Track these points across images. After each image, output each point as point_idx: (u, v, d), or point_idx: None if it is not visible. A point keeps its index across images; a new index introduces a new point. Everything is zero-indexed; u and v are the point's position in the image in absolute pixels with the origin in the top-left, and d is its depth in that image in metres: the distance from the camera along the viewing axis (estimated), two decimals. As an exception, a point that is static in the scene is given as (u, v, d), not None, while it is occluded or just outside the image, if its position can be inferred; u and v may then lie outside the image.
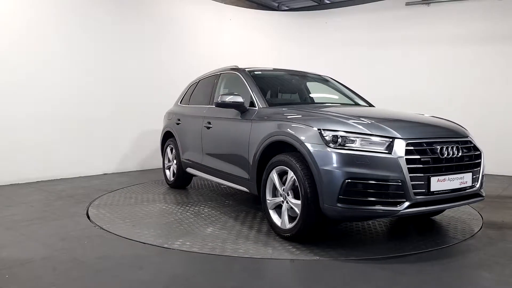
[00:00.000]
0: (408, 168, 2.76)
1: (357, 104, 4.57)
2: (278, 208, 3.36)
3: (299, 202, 3.05)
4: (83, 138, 6.39)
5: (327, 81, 4.94)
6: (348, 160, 2.77)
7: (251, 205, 4.50)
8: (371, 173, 2.73)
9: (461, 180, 3.03)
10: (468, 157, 3.13)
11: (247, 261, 2.85)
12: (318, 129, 2.96)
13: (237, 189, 4.07)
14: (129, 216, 4.02)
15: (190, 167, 4.96)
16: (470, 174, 3.11)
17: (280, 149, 3.35)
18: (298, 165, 3.03)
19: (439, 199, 2.93)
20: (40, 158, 5.90)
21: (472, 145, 3.24)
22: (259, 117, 3.65)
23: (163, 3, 7.60)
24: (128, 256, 3.00)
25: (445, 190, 2.93)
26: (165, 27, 7.58)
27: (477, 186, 3.19)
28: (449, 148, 2.98)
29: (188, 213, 4.13)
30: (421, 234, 3.47)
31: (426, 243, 3.23)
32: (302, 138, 3.02)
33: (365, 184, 2.74)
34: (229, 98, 3.81)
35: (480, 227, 3.71)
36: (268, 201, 3.40)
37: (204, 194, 5.12)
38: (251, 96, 3.92)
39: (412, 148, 2.85)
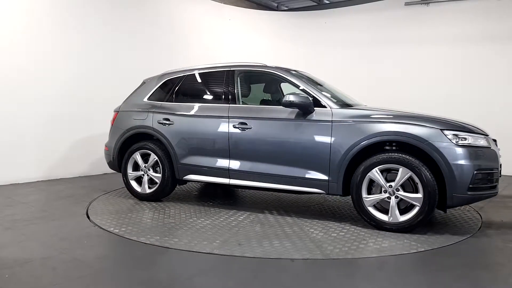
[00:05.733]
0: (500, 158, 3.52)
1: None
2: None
3: (417, 195, 3.38)
4: (83, 137, 6.38)
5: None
6: (475, 155, 3.35)
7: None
8: (488, 164, 3.41)
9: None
10: None
11: (246, 261, 2.85)
12: (441, 129, 3.39)
13: (299, 191, 3.94)
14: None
15: (195, 174, 4.45)
16: None
17: (368, 150, 3.56)
18: (418, 162, 3.37)
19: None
20: (40, 158, 5.91)
21: None
22: (341, 118, 3.71)
23: (162, 3, 7.59)
24: (128, 256, 3.00)
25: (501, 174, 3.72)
26: (164, 27, 7.56)
27: None
28: (495, 141, 3.74)
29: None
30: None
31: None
32: (428, 137, 3.37)
33: (485, 173, 3.37)
34: (299, 99, 3.75)
35: (479, 227, 3.72)
36: (367, 199, 3.56)
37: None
38: (313, 96, 3.89)
39: (494, 142, 3.61)
